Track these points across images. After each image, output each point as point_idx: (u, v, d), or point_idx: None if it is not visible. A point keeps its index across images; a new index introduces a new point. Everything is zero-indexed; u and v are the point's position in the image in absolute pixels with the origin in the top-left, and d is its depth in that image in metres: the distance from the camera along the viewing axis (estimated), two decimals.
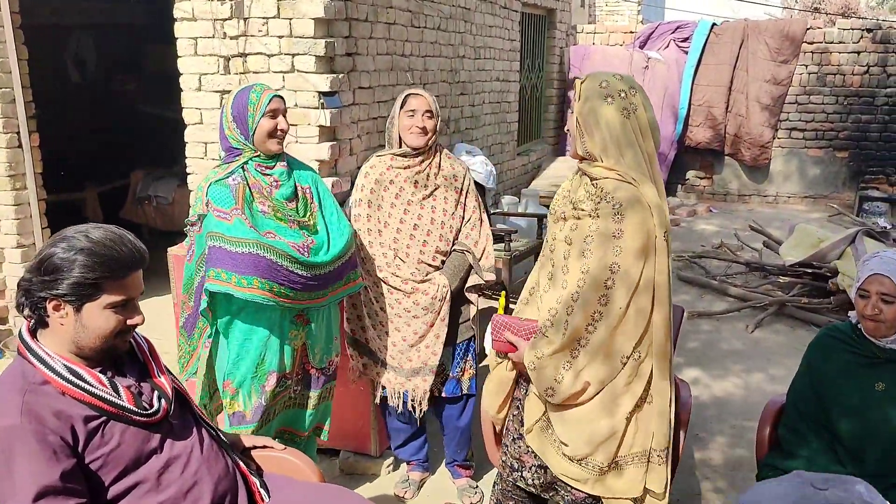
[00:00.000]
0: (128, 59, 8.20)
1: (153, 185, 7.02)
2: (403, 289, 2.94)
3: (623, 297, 1.99)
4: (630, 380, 2.06)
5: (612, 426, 2.06)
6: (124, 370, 1.86)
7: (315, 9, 4.01)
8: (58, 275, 1.67)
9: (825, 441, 2.43)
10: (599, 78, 2.09)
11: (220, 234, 2.45)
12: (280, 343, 2.63)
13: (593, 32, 10.12)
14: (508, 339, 2.20)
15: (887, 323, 2.30)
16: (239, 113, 2.57)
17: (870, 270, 2.34)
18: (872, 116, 9.08)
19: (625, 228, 1.98)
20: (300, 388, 2.81)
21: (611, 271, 1.99)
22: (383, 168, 2.98)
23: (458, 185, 3.04)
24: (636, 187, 2.01)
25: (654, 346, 2.06)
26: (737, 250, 7.08)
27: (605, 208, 2.01)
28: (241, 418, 2.65)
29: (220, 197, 2.50)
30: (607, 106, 2.04)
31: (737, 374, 4.64)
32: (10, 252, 5.00)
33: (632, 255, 1.99)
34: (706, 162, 9.84)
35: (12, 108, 4.81)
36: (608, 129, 2.04)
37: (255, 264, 2.42)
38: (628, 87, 2.08)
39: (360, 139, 4.64)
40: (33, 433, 1.62)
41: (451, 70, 6.10)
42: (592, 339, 2.02)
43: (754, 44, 9.13)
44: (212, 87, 4.28)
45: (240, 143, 2.59)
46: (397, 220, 2.96)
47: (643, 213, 1.99)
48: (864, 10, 16.97)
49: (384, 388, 3.09)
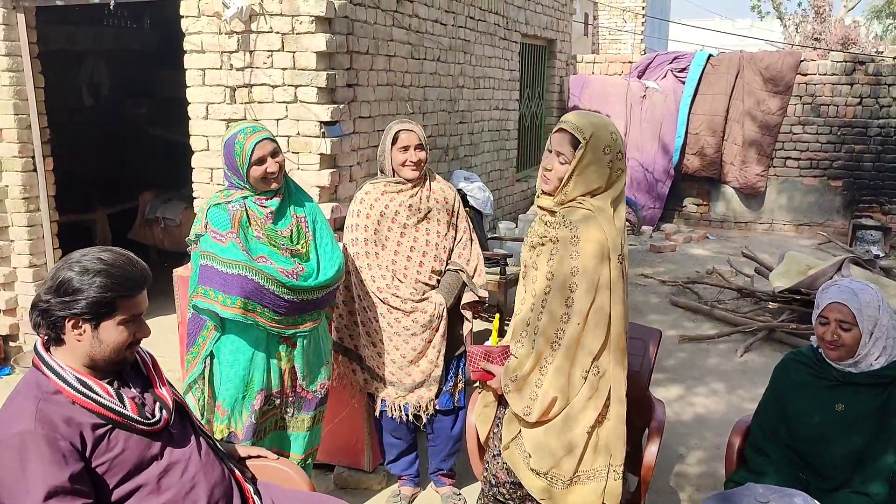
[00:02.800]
0: (139, 83, 8.43)
1: (161, 207, 7.17)
2: (403, 308, 3.08)
3: (585, 295, 2.17)
4: (591, 394, 2.22)
5: (573, 440, 2.22)
6: (129, 382, 2.03)
7: (318, 43, 4.21)
8: (77, 296, 1.84)
9: (788, 458, 2.56)
10: (604, 129, 2.24)
11: (212, 254, 2.61)
12: (266, 361, 2.74)
13: (593, 62, 10.34)
14: (485, 368, 2.39)
15: (846, 348, 2.43)
16: (230, 162, 2.70)
17: (829, 299, 2.47)
18: (866, 147, 9.24)
19: (580, 236, 2.19)
20: (293, 410, 2.91)
21: (572, 274, 2.18)
22: (378, 194, 3.13)
23: (450, 208, 3.21)
24: (593, 213, 2.22)
25: (611, 337, 2.23)
26: (729, 276, 7.22)
27: (562, 226, 2.23)
28: (232, 439, 2.76)
29: (218, 219, 2.65)
30: (605, 168, 2.24)
31: (719, 393, 4.78)
32: (23, 272, 5.18)
33: (589, 256, 2.18)
34: (702, 189, 10.01)
35: (28, 134, 5.02)
36: (598, 173, 2.24)
37: (243, 286, 2.56)
38: (613, 133, 2.27)
39: (359, 166, 4.83)
40: (45, 438, 1.78)
41: (451, 99, 6.30)
42: (564, 340, 2.19)
43: (749, 75, 9.34)
44: (218, 116, 4.48)
45: (239, 184, 2.73)
46: (394, 242, 3.11)
47: (597, 228, 2.20)
48: (864, 41, 17.19)
49: (383, 402, 3.22)
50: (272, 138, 2.73)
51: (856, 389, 2.44)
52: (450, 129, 6.35)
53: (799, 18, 19.34)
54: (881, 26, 28.54)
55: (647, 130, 9.64)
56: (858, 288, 2.44)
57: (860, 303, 2.39)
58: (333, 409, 3.34)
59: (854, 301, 2.40)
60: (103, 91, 8.22)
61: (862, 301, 2.39)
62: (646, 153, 9.69)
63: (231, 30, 4.31)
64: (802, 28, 18.10)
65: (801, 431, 2.52)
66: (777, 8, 21.38)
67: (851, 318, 2.40)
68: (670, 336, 5.64)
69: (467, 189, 6.06)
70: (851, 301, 2.41)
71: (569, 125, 2.25)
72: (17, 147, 4.98)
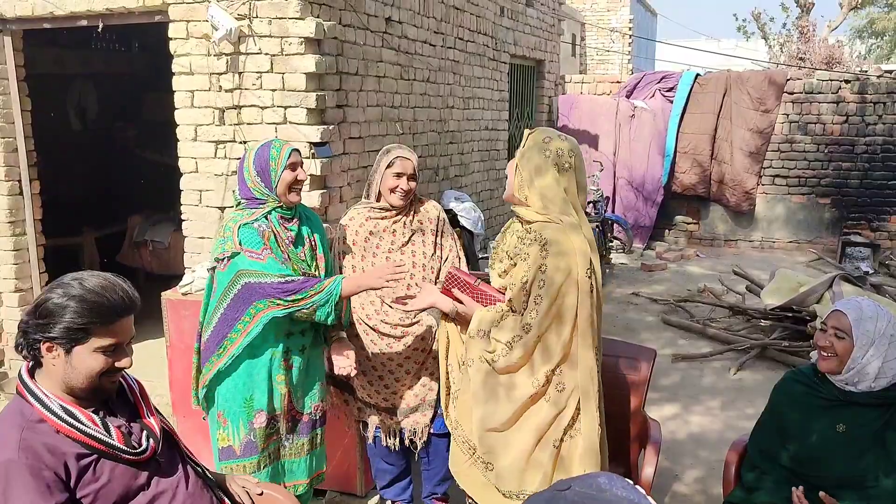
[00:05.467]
0: (127, 106, 8.41)
1: (150, 229, 7.12)
2: (393, 334, 3.05)
3: (546, 306, 2.23)
4: (557, 411, 2.27)
5: (540, 458, 2.26)
6: (116, 411, 1.98)
7: (307, 64, 4.21)
8: (51, 319, 1.80)
9: (785, 479, 2.52)
10: (545, 133, 2.35)
11: (255, 271, 2.65)
12: (268, 381, 2.77)
13: (581, 82, 10.42)
14: (456, 296, 2.49)
15: (837, 358, 2.39)
16: (262, 167, 2.75)
17: (834, 308, 2.48)
18: (853, 164, 9.32)
19: (549, 251, 2.25)
20: (292, 436, 2.90)
21: (539, 287, 2.24)
22: (362, 220, 3.11)
23: (433, 227, 3.17)
24: (562, 229, 2.26)
25: (578, 350, 2.28)
26: (721, 294, 7.22)
27: (534, 242, 2.28)
28: (230, 453, 2.78)
29: (250, 239, 2.69)
30: (546, 159, 2.30)
31: (715, 411, 4.75)
32: (8, 296, 5.12)
33: (556, 272, 2.24)
34: (693, 207, 10.05)
35: (14, 157, 4.98)
36: (544, 180, 2.29)
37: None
38: (568, 148, 2.32)
39: (349, 187, 4.81)
40: (29, 468, 1.73)
41: (440, 120, 6.31)
42: (524, 340, 2.27)
43: (737, 94, 9.42)
44: (207, 138, 4.45)
45: (263, 194, 2.76)
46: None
47: (565, 251, 2.24)
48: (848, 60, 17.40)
49: (377, 429, 3.17)
50: (300, 153, 2.89)
51: (857, 410, 2.40)
52: (440, 149, 6.35)
53: (783, 38, 19.57)
54: (864, 46, 28.97)
55: (637, 149, 9.69)
56: (866, 304, 2.42)
57: (861, 315, 2.37)
58: (332, 437, 3.29)
59: (855, 313, 2.38)
60: (91, 114, 8.19)
61: (864, 314, 2.37)
62: (635, 172, 9.72)
63: (220, 51, 4.30)
64: (787, 48, 18.31)
65: (802, 452, 2.48)
66: (762, 28, 21.66)
67: (848, 328, 2.37)
68: (664, 355, 5.61)
69: (458, 209, 6.05)
70: (852, 312, 2.39)
71: (528, 130, 2.43)
72: (4, 170, 4.94)
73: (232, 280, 2.69)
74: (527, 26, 8.49)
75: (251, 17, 4.24)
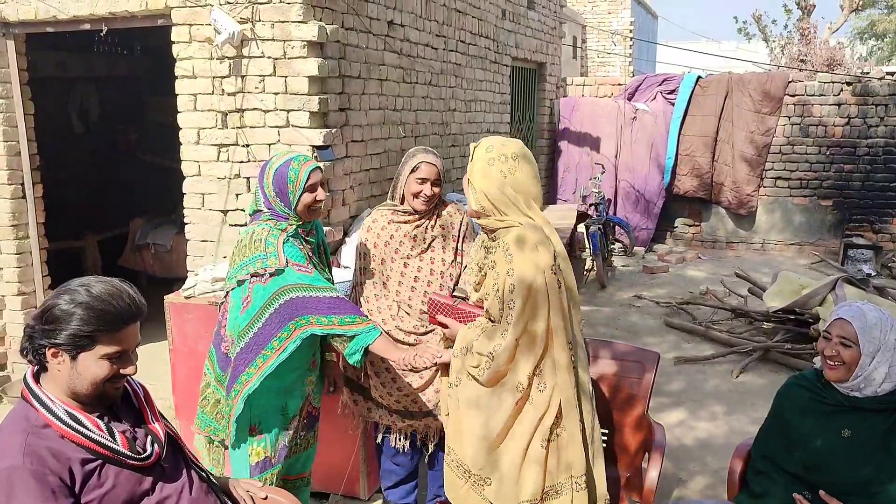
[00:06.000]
0: (129, 109, 8.42)
1: (152, 232, 7.13)
2: (407, 341, 3.02)
3: (521, 306, 2.26)
4: (543, 410, 2.30)
5: (534, 458, 2.28)
6: (120, 416, 1.98)
7: (309, 67, 4.21)
8: (57, 325, 1.80)
9: (790, 485, 2.51)
10: (487, 142, 2.41)
11: (308, 285, 2.58)
12: (301, 388, 2.80)
13: (582, 84, 10.42)
14: (441, 321, 2.56)
15: (845, 367, 2.38)
16: (280, 188, 2.69)
17: (836, 315, 2.46)
18: (855, 166, 9.31)
19: (513, 255, 2.30)
20: (305, 431, 2.93)
21: (510, 292, 2.28)
22: (384, 222, 3.09)
23: (455, 234, 3.13)
24: (522, 231, 2.32)
25: (553, 350, 2.30)
26: (723, 297, 7.22)
27: (499, 249, 2.34)
28: (266, 465, 2.76)
29: (295, 253, 2.66)
30: (489, 166, 2.36)
31: (720, 416, 4.74)
32: (11, 300, 5.12)
33: (523, 275, 2.27)
34: (694, 210, 10.04)
35: (17, 161, 4.99)
36: (493, 185, 2.36)
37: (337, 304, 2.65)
38: (511, 150, 2.39)
39: (352, 190, 4.81)
40: (33, 473, 1.73)
41: (443, 123, 6.31)
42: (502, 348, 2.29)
43: (738, 96, 9.42)
44: (210, 141, 4.46)
45: (284, 212, 2.73)
46: (398, 273, 3.06)
47: (528, 251, 2.29)
48: (849, 62, 17.41)
49: (388, 429, 3.16)
50: (322, 169, 2.82)
51: (862, 415, 2.40)
52: (442, 151, 6.35)
53: (784, 40, 19.58)
54: (865, 48, 28.98)
55: (638, 152, 9.68)
56: (869, 309, 2.41)
57: (866, 323, 2.36)
58: (329, 435, 3.30)
59: (860, 320, 2.37)
60: (93, 117, 8.20)
61: (868, 322, 2.36)
62: (637, 174, 9.72)
63: (223, 55, 4.31)
64: (788, 50, 18.31)
65: (807, 458, 2.47)
66: (763, 30, 21.67)
67: (854, 336, 2.36)
68: (667, 358, 5.61)
69: None
70: (857, 320, 2.38)
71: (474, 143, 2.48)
72: (7, 174, 4.95)
73: (274, 294, 2.57)
74: (528, 29, 8.49)
75: (254, 20, 4.25)
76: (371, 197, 5.09)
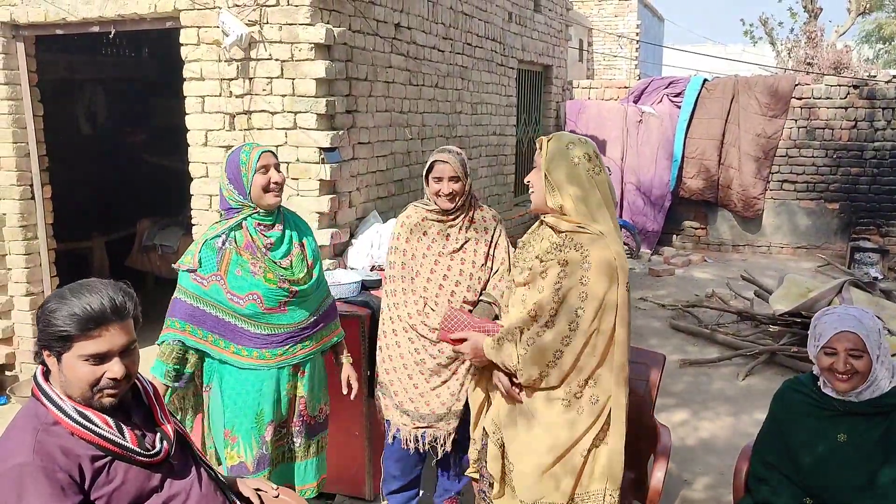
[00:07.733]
0: (137, 111, 8.46)
1: (159, 234, 7.16)
2: (430, 337, 3.01)
3: (590, 320, 2.20)
4: (591, 421, 2.25)
5: (572, 464, 2.24)
6: (130, 413, 1.99)
7: (317, 69, 4.23)
8: (44, 325, 1.82)
9: (790, 489, 2.50)
10: (566, 139, 2.31)
11: (194, 294, 2.69)
12: (276, 392, 2.75)
13: (589, 87, 10.42)
14: (455, 337, 2.50)
15: (860, 375, 2.35)
16: (233, 174, 2.71)
17: (834, 328, 2.39)
18: (861, 169, 9.29)
19: (590, 260, 2.20)
20: (300, 439, 2.90)
21: (580, 299, 2.19)
22: (418, 218, 3.10)
23: (488, 238, 3.12)
24: (601, 239, 2.23)
25: (615, 362, 2.26)
26: (729, 300, 7.21)
27: (571, 249, 2.24)
28: (242, 469, 2.75)
29: (207, 261, 2.68)
30: (575, 166, 2.26)
31: (724, 418, 4.73)
32: (20, 300, 5.16)
33: (598, 281, 2.20)
34: (700, 212, 10.03)
35: (26, 162, 5.02)
36: (578, 188, 2.24)
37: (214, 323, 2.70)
38: (593, 151, 2.30)
39: (359, 192, 4.83)
40: (43, 470, 1.74)
41: (449, 125, 6.32)
42: (562, 361, 2.22)
43: (745, 99, 9.41)
44: (217, 143, 4.48)
45: (238, 202, 2.72)
46: (428, 270, 3.06)
47: (606, 250, 2.21)
48: (856, 65, 17.37)
49: (398, 430, 3.14)
50: (275, 154, 2.83)
51: (857, 419, 2.39)
52: None
53: (791, 43, 19.54)
54: (872, 51, 28.89)
55: (645, 154, 9.68)
56: (859, 314, 2.40)
57: (867, 329, 2.35)
58: (333, 436, 3.30)
59: (861, 328, 2.35)
60: (101, 119, 8.24)
61: (868, 327, 2.36)
62: (643, 177, 9.72)
63: (230, 57, 4.33)
64: (795, 53, 18.29)
65: (804, 463, 2.46)
66: (769, 33, 21.63)
67: (861, 345, 2.33)
68: (672, 360, 5.60)
69: None
70: (859, 328, 2.35)
71: (545, 137, 2.38)
72: (16, 175, 4.98)
73: (177, 286, 2.74)
74: (534, 32, 8.51)
75: (262, 23, 4.27)
76: (378, 199, 5.11)
